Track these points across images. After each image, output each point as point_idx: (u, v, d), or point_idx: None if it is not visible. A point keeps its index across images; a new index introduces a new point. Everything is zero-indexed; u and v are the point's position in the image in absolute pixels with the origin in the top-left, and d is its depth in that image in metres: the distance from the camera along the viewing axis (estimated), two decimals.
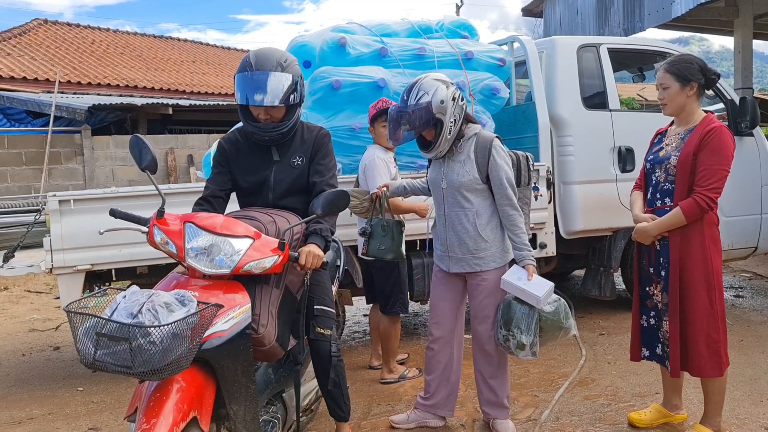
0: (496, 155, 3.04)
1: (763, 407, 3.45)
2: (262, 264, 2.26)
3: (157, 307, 1.93)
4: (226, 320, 2.13)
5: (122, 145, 10.34)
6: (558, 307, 3.03)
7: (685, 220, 2.90)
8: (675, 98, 2.99)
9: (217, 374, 2.13)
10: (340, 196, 2.45)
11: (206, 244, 2.24)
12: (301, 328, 2.64)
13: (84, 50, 16.58)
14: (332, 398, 2.81)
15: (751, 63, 8.93)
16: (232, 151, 2.79)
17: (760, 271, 6.95)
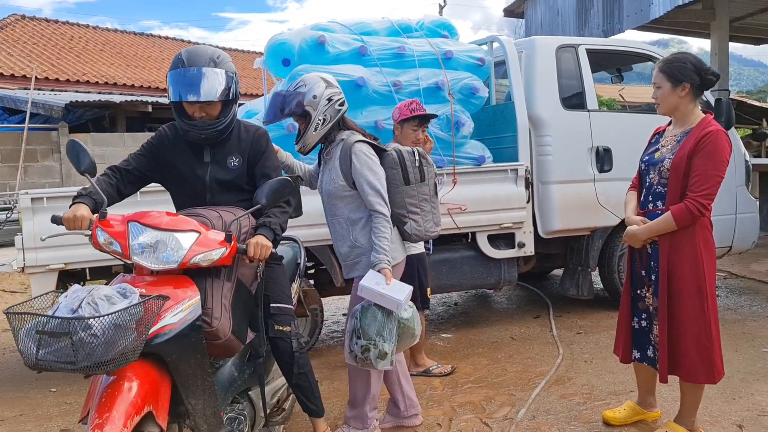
0: (356, 160, 2.98)
1: (736, 405, 3.49)
2: (210, 256, 2.25)
3: (97, 300, 1.92)
4: (175, 313, 2.12)
5: (100, 142, 10.22)
6: (413, 312, 2.95)
7: (675, 225, 2.84)
8: (667, 98, 2.93)
9: (170, 368, 2.12)
10: (284, 185, 2.46)
11: (151, 241, 2.23)
12: (259, 321, 2.63)
13: (63, 47, 16.36)
14: (302, 393, 2.80)
15: (728, 65, 9.05)
16: (170, 144, 2.72)
17: (735, 270, 7.05)
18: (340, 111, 3.07)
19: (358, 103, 4.57)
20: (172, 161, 2.71)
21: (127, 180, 2.70)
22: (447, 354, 4.59)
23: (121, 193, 2.69)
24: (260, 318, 2.64)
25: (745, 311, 5.46)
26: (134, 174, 2.72)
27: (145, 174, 2.75)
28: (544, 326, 5.18)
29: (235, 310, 2.39)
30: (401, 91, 4.63)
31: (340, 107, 3.07)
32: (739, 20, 10.23)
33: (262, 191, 2.43)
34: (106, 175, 2.66)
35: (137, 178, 2.74)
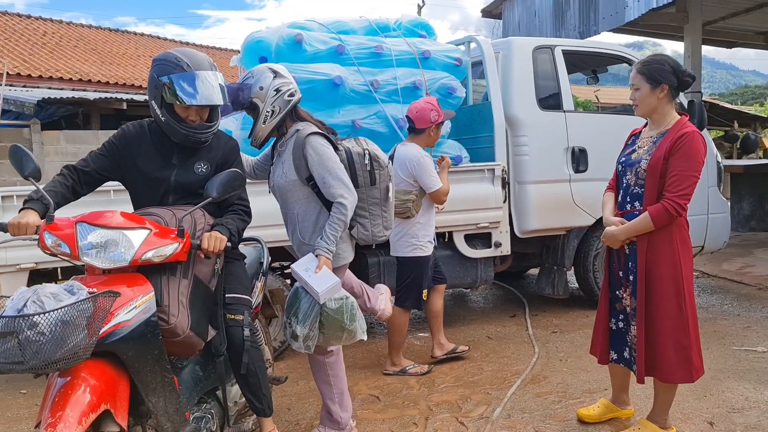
0: (312, 152, 2.92)
1: (707, 402, 3.54)
2: (162, 252, 2.25)
3: (43, 298, 1.90)
4: (129, 310, 2.11)
5: (73, 140, 10.04)
6: (342, 306, 2.86)
7: (653, 225, 2.86)
8: (645, 100, 2.95)
9: (127, 366, 2.11)
10: (234, 177, 2.47)
11: (101, 240, 2.20)
12: (219, 319, 2.61)
13: (35, 42, 16.06)
14: (248, 389, 2.70)
15: (700, 68, 9.17)
16: (133, 143, 2.68)
17: (707, 270, 7.16)
18: (290, 102, 2.99)
19: (335, 102, 4.56)
20: (134, 161, 2.67)
21: (84, 181, 2.64)
22: (424, 353, 4.59)
23: (76, 194, 2.63)
24: (220, 316, 2.62)
25: (716, 310, 5.55)
26: (92, 175, 2.66)
27: (104, 174, 2.69)
28: (520, 325, 5.21)
29: (193, 307, 2.37)
30: (379, 91, 4.63)
31: (290, 98, 2.99)
32: (712, 24, 10.39)
33: (212, 184, 2.44)
34: (62, 175, 2.59)
35: (95, 179, 2.68)
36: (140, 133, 2.71)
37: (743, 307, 5.60)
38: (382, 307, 3.50)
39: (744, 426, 3.23)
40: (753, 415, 3.36)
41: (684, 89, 3.03)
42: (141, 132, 2.71)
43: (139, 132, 2.71)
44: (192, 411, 2.50)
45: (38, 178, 2.37)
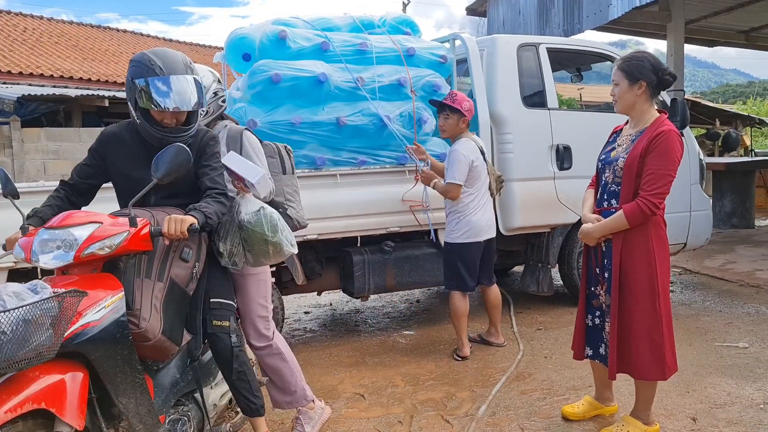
0: (248, 142, 3.04)
1: (690, 398, 3.57)
2: (111, 242, 2.20)
3: (4, 297, 1.86)
4: (97, 310, 2.08)
5: (54, 137, 9.92)
6: (261, 217, 2.71)
7: (627, 223, 2.87)
8: (623, 96, 2.96)
9: (96, 367, 2.08)
10: (178, 152, 2.32)
11: (49, 240, 2.21)
12: (197, 323, 2.57)
13: (15, 38, 15.86)
14: (240, 392, 2.71)
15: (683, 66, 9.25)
16: (113, 145, 2.67)
17: (690, 267, 7.22)
18: (221, 107, 3.18)
19: (319, 99, 4.53)
20: (115, 162, 2.66)
21: (76, 192, 2.70)
22: (409, 351, 4.59)
23: (74, 204, 2.68)
24: (198, 319, 2.58)
25: (699, 306, 5.60)
26: (80, 186, 2.71)
27: (91, 182, 2.72)
28: (504, 323, 5.22)
29: (167, 311, 2.33)
30: (363, 88, 4.61)
31: (223, 104, 3.19)
32: (694, 22, 10.49)
33: (155, 164, 2.33)
34: (56, 190, 2.69)
35: (85, 189, 2.72)
36: (119, 134, 2.70)
37: (725, 304, 5.65)
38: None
39: (726, 421, 3.26)
40: (735, 410, 3.39)
41: (665, 88, 3.03)
42: (119, 133, 2.70)
43: (117, 133, 2.70)
44: (168, 414, 2.47)
45: (16, 197, 2.47)
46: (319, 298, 6.31)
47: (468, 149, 4.26)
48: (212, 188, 2.59)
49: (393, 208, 4.66)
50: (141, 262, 2.33)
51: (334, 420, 3.44)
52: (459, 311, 4.36)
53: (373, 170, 4.66)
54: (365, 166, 4.67)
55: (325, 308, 6.11)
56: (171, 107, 2.48)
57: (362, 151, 4.69)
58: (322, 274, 4.79)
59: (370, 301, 6.16)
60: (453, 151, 4.27)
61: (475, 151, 4.29)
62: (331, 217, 4.47)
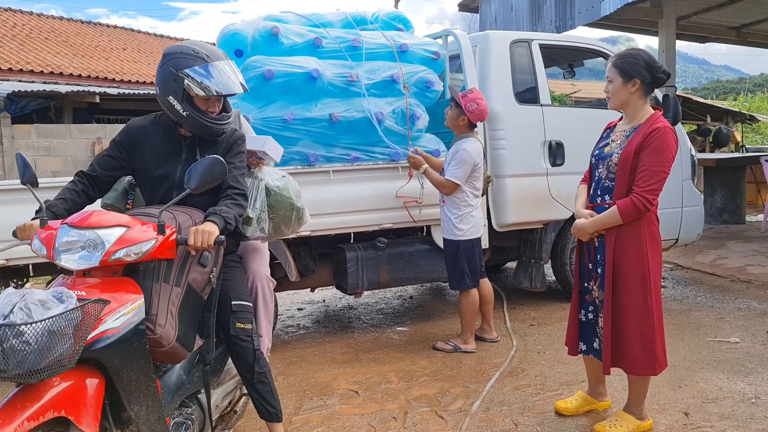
0: (246, 124, 3.29)
1: (682, 393, 3.59)
2: (138, 249, 2.15)
3: (30, 305, 1.83)
4: (117, 317, 2.04)
5: (45, 134, 9.85)
6: (287, 183, 2.92)
7: (621, 219, 2.88)
8: (617, 93, 2.96)
9: (111, 374, 2.05)
10: (213, 164, 2.31)
11: (74, 241, 2.15)
12: (211, 327, 2.55)
13: (4, 34, 15.71)
14: (261, 396, 2.70)
15: (674, 62, 9.28)
16: (139, 139, 2.66)
17: (681, 262, 7.26)
18: None
19: (312, 96, 4.52)
20: (141, 156, 2.64)
21: (95, 184, 2.67)
22: (402, 347, 4.60)
23: (90, 198, 2.66)
24: (211, 323, 2.56)
25: (690, 302, 5.63)
26: (101, 178, 2.67)
27: (113, 174, 2.70)
28: (498, 318, 5.23)
29: (182, 317, 2.31)
30: (356, 84, 4.60)
31: None
32: (685, 18, 10.52)
33: (189, 174, 2.30)
34: (73, 182, 2.65)
35: (105, 181, 2.69)
36: (146, 127, 2.68)
37: (716, 299, 5.68)
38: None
39: (718, 416, 3.28)
40: (727, 404, 3.42)
41: (659, 85, 3.03)
42: (146, 127, 2.68)
43: (144, 127, 2.68)
44: (173, 416, 2.45)
45: (35, 184, 2.44)
46: (313, 294, 6.31)
47: (476, 152, 4.30)
48: (233, 187, 2.56)
49: (386, 205, 4.65)
50: (160, 267, 2.28)
51: (328, 416, 3.44)
52: (475, 307, 4.41)
53: (366, 166, 4.65)
54: (358, 163, 4.66)
55: (318, 305, 6.10)
56: (223, 92, 2.53)
57: (355, 147, 4.69)
58: (316, 270, 4.78)
59: (364, 297, 6.16)
60: (462, 150, 4.26)
61: (480, 154, 4.33)
62: (324, 213, 4.46)
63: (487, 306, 4.60)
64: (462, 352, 4.39)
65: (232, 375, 2.90)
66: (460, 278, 4.38)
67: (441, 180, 4.33)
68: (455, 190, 4.28)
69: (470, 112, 4.30)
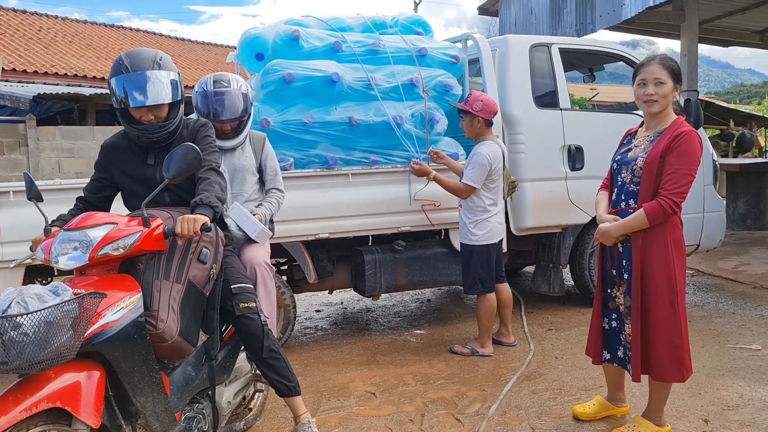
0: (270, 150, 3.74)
1: (702, 399, 3.56)
2: (124, 243, 2.24)
3: (27, 299, 1.92)
4: (116, 311, 2.12)
5: (69, 136, 10.01)
6: None
7: (648, 222, 2.86)
8: (667, 96, 2.92)
9: (114, 367, 2.12)
10: (187, 152, 2.35)
11: (67, 242, 2.25)
12: (215, 323, 2.60)
13: (30, 37, 16.01)
14: (274, 371, 2.73)
15: (697, 66, 9.20)
16: (113, 155, 2.75)
17: (702, 268, 7.18)
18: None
19: (332, 99, 4.56)
20: (120, 170, 2.72)
21: (92, 207, 2.76)
22: (420, 350, 4.60)
23: None
24: (215, 319, 2.60)
25: (712, 308, 5.57)
26: (92, 201, 2.80)
27: (103, 194, 2.81)
28: (515, 322, 5.22)
29: (184, 312, 2.36)
30: (375, 88, 4.62)
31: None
32: (708, 22, 10.41)
33: (165, 164, 2.36)
34: (75, 205, 2.79)
35: (99, 202, 2.81)
36: (116, 143, 2.77)
37: (738, 306, 5.62)
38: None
39: (738, 423, 3.25)
40: (747, 412, 3.38)
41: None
42: (116, 142, 2.77)
43: (114, 142, 2.78)
44: (183, 411, 2.50)
45: (40, 199, 2.57)
46: (331, 296, 6.34)
47: (492, 153, 4.27)
48: (203, 167, 2.57)
49: (404, 208, 4.67)
50: (159, 263, 2.35)
51: (345, 417, 3.46)
52: (492, 311, 4.41)
53: (384, 170, 4.67)
54: (377, 166, 4.68)
55: (336, 307, 6.13)
56: (134, 104, 2.52)
57: (374, 150, 4.71)
58: (334, 272, 4.82)
59: (381, 300, 6.18)
60: (477, 153, 4.26)
61: (498, 157, 4.31)
62: (343, 216, 4.49)
63: (505, 310, 4.60)
64: (479, 356, 4.38)
65: (244, 372, 2.95)
66: (472, 283, 4.38)
67: (453, 185, 4.33)
68: (472, 194, 4.28)
69: (480, 111, 4.29)
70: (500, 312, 4.58)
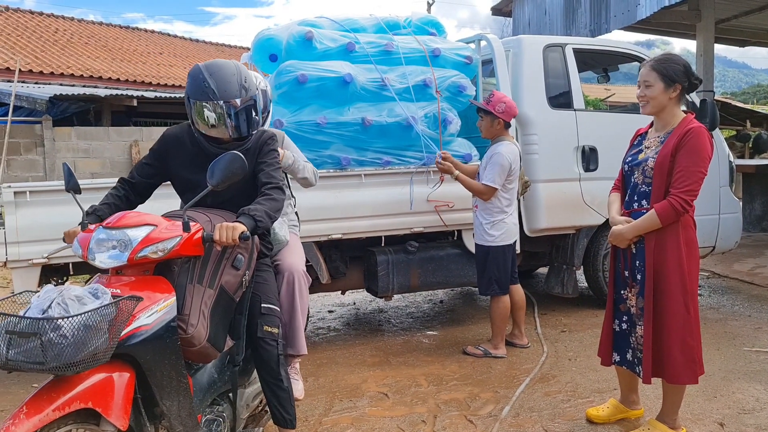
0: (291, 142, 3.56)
1: (717, 403, 3.52)
2: (164, 246, 2.22)
3: (68, 301, 1.92)
4: (150, 314, 2.11)
5: (85, 136, 10.11)
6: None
7: (660, 223, 2.84)
8: (657, 97, 2.92)
9: (144, 370, 2.11)
10: (233, 159, 2.32)
11: (105, 240, 2.23)
12: (241, 329, 2.59)
13: (47, 39, 16.18)
14: (278, 401, 2.70)
15: (713, 67, 9.12)
16: (173, 147, 2.72)
17: (718, 270, 7.11)
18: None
19: (345, 100, 4.56)
20: (175, 163, 2.71)
21: (135, 191, 2.76)
22: (432, 351, 4.60)
23: (131, 203, 2.74)
24: (242, 326, 2.60)
25: (727, 311, 5.52)
26: (139, 185, 2.77)
27: (151, 182, 2.78)
28: (528, 324, 5.19)
29: (213, 318, 2.35)
30: (389, 88, 4.62)
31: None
32: (724, 22, 10.31)
33: (210, 171, 2.34)
34: (116, 188, 2.74)
35: (144, 188, 2.78)
36: (179, 136, 2.73)
37: (754, 308, 5.56)
38: None
39: (755, 427, 3.21)
40: (764, 416, 3.34)
41: (691, 92, 3.04)
42: (180, 135, 2.73)
43: (178, 135, 2.74)
44: (204, 413, 2.50)
45: (78, 191, 2.55)
46: (343, 297, 6.35)
47: (512, 154, 4.27)
48: (266, 183, 2.58)
49: (417, 208, 4.67)
50: (194, 267, 2.34)
51: (357, 418, 3.47)
52: (506, 313, 4.40)
53: (398, 170, 4.67)
54: (390, 167, 4.69)
55: (348, 307, 6.14)
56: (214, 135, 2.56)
57: (387, 151, 4.71)
58: (347, 273, 4.82)
59: (394, 300, 6.18)
60: (497, 154, 4.25)
61: (516, 158, 4.31)
62: (356, 216, 4.50)
63: (518, 311, 4.58)
64: (492, 357, 4.37)
65: None
66: (488, 284, 4.37)
67: (476, 186, 4.32)
68: (493, 195, 4.27)
69: (502, 113, 4.29)
70: (513, 313, 4.56)
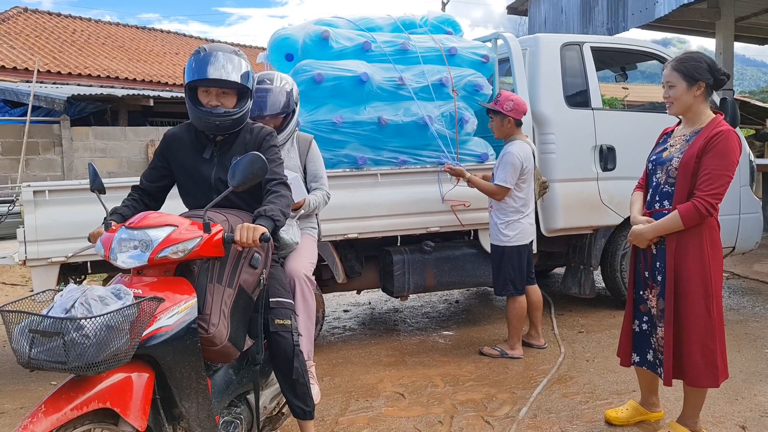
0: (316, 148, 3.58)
1: (739, 406, 3.47)
2: (184, 247, 2.21)
3: (90, 301, 1.92)
4: (171, 315, 2.10)
5: (102, 136, 10.20)
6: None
7: (682, 224, 2.79)
8: (681, 98, 2.87)
9: (164, 371, 2.11)
10: (254, 160, 2.32)
11: (127, 240, 2.23)
12: (259, 327, 2.58)
13: (65, 40, 16.34)
14: (295, 393, 2.70)
15: (732, 65, 9.02)
16: (175, 146, 2.74)
17: (738, 271, 7.03)
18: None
19: (361, 99, 4.56)
20: (177, 160, 2.72)
21: (148, 195, 2.79)
22: (448, 351, 4.58)
23: (148, 207, 2.76)
24: (260, 325, 2.59)
25: (748, 312, 5.45)
26: (149, 189, 2.80)
27: (159, 185, 2.80)
28: (545, 324, 5.16)
29: (233, 317, 2.35)
30: (405, 87, 4.61)
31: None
32: (744, 20, 10.19)
33: (231, 172, 2.33)
34: (131, 195, 2.79)
35: (155, 191, 2.81)
36: (178, 134, 2.76)
37: None
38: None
39: None
40: None
41: (719, 88, 2.96)
42: (179, 133, 2.76)
43: (177, 133, 2.76)
44: (222, 414, 2.50)
45: (102, 191, 2.59)
46: (359, 296, 6.34)
47: (523, 153, 4.24)
48: (271, 180, 2.58)
49: (433, 208, 4.65)
50: (213, 267, 2.34)
51: (374, 418, 3.46)
52: (522, 313, 4.37)
53: (413, 170, 4.66)
54: (406, 166, 4.67)
55: (364, 307, 6.13)
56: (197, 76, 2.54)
57: (403, 150, 4.70)
58: (362, 272, 4.82)
59: (409, 300, 6.16)
60: (508, 153, 4.23)
61: (529, 157, 4.28)
62: (372, 216, 4.49)
63: (535, 312, 4.55)
64: (509, 358, 4.34)
65: None
66: (504, 285, 4.34)
67: (489, 187, 4.30)
68: (506, 195, 4.24)
69: (510, 111, 4.26)
70: (530, 314, 4.53)
